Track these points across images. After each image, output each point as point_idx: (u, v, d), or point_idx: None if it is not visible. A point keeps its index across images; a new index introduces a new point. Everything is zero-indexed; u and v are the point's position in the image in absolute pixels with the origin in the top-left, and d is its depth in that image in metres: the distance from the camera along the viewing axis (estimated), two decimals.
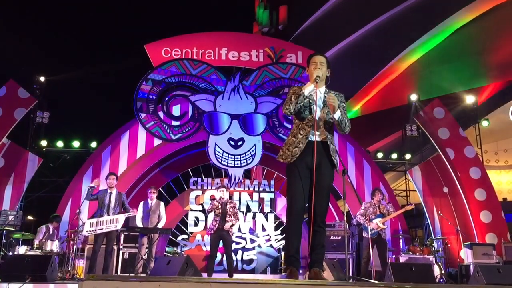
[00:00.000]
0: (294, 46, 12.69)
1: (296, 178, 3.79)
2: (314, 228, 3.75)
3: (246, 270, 10.68)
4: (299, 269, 3.76)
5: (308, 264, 3.83)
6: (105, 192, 7.87)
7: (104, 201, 7.76)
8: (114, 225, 7.65)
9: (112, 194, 7.85)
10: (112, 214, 7.71)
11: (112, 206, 7.76)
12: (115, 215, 7.71)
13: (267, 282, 2.49)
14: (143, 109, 11.05)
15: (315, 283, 2.95)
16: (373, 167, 11.66)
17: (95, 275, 1.90)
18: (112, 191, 7.87)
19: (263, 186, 11.41)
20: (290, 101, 3.85)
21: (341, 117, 3.85)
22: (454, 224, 10.86)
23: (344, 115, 3.91)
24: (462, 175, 11.38)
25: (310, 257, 3.76)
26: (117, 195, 7.90)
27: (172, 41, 11.78)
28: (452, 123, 11.96)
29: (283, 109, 3.95)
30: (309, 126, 3.84)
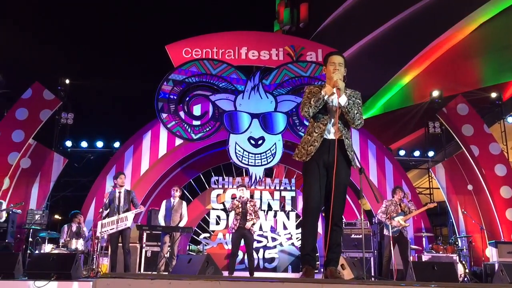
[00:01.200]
0: (314, 44, 12.65)
1: (312, 176, 3.79)
2: (331, 227, 3.75)
3: (267, 269, 10.71)
4: (315, 267, 3.77)
5: (324, 262, 3.83)
6: (114, 192, 8.03)
7: (114, 201, 7.94)
8: (124, 223, 7.82)
9: (121, 193, 8.02)
10: (122, 212, 7.87)
11: (122, 205, 7.93)
12: (125, 213, 7.86)
13: (274, 280, 2.50)
14: (164, 109, 11.17)
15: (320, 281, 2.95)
16: (395, 165, 11.54)
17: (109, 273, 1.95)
18: (121, 190, 8.03)
19: (284, 184, 11.42)
20: (310, 104, 3.82)
21: (348, 105, 3.81)
22: (478, 222, 10.67)
23: (356, 109, 3.88)
24: (487, 172, 11.17)
25: (326, 256, 3.76)
26: (126, 193, 8.06)
27: (193, 41, 11.87)
28: (477, 120, 11.74)
29: (301, 111, 3.93)
30: (324, 124, 3.84)
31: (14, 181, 10.63)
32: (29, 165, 10.89)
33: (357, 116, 3.87)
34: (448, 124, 11.85)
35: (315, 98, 3.81)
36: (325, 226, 3.81)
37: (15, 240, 9.79)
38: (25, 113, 10.89)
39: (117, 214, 7.87)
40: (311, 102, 3.82)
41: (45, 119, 10.99)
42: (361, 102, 4.00)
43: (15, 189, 10.59)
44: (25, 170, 10.82)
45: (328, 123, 3.84)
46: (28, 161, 10.89)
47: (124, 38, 21.49)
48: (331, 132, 3.84)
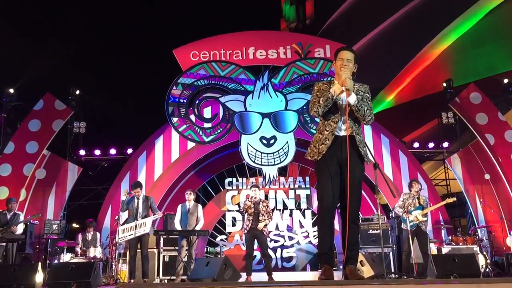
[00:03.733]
0: (321, 40, 12.59)
1: (325, 175, 3.75)
2: (348, 225, 3.70)
3: (286, 268, 10.67)
4: (334, 266, 3.72)
5: (343, 261, 3.78)
6: (133, 199, 8.07)
7: (133, 207, 7.98)
8: (142, 229, 7.85)
9: (139, 200, 8.07)
10: (140, 219, 7.90)
11: (140, 211, 7.99)
12: (143, 219, 7.89)
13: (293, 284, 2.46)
14: (174, 113, 11.19)
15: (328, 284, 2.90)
16: (410, 157, 11.43)
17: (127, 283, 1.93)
18: (139, 198, 8.08)
19: (298, 183, 11.36)
20: (319, 104, 3.79)
21: (358, 103, 3.76)
22: (498, 211, 10.52)
23: (366, 104, 3.83)
24: (503, 161, 11.01)
25: (345, 255, 3.71)
26: (144, 199, 8.11)
27: (200, 44, 11.88)
28: (490, 108, 11.58)
29: (310, 111, 3.89)
30: (335, 122, 3.80)
31: (30, 192, 10.73)
32: (44, 175, 10.98)
33: (367, 113, 3.82)
34: (462, 114, 11.70)
35: (324, 98, 3.77)
36: (342, 224, 3.77)
37: (34, 251, 9.88)
38: (38, 124, 11.00)
39: (135, 220, 7.90)
40: (320, 102, 3.78)
41: (58, 129, 11.10)
42: (369, 95, 3.94)
43: (31, 200, 10.69)
44: (41, 180, 10.92)
45: (339, 121, 3.80)
46: (43, 172, 10.98)
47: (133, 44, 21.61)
48: (342, 129, 3.80)
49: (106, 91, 13.95)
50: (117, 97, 17.93)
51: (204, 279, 6.70)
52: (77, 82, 12.51)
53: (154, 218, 8.13)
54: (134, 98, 19.37)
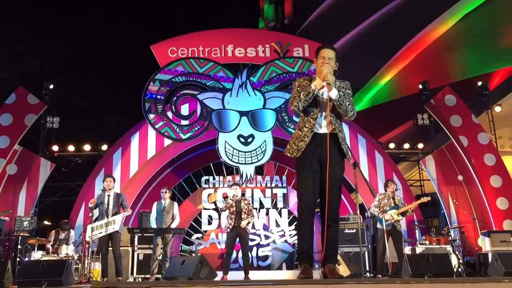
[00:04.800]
0: (300, 40, 12.60)
1: (305, 172, 3.72)
2: (328, 224, 3.68)
3: (261, 267, 10.66)
4: (313, 265, 3.70)
5: (322, 260, 3.76)
6: (103, 195, 7.90)
7: (103, 204, 7.81)
8: (112, 227, 7.70)
9: (110, 196, 7.89)
10: (110, 216, 7.74)
11: (111, 208, 7.81)
12: (113, 216, 7.74)
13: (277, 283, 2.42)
14: (151, 110, 11.05)
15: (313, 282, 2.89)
16: (386, 158, 11.55)
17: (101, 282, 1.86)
18: (110, 194, 7.90)
19: (275, 181, 11.36)
20: (299, 98, 3.75)
21: (340, 98, 3.74)
22: (470, 212, 10.71)
23: (347, 100, 3.81)
24: (476, 162, 11.21)
25: (324, 253, 3.69)
26: (115, 196, 7.93)
27: (178, 41, 11.76)
28: (464, 110, 11.78)
29: (290, 105, 3.85)
30: (314, 118, 3.76)
31: (0, 188, 10.43)
32: (16, 171, 10.69)
33: (349, 108, 3.80)
34: (437, 116, 11.87)
35: (305, 93, 3.73)
36: (321, 222, 3.75)
37: (4, 248, 9.61)
38: (10, 119, 10.70)
39: (105, 217, 7.74)
40: (300, 97, 3.74)
41: (30, 124, 10.81)
42: (351, 92, 3.93)
43: (2, 196, 10.40)
44: (12, 176, 10.62)
45: (319, 117, 3.76)
46: (15, 167, 10.69)
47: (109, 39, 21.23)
48: (322, 126, 3.77)
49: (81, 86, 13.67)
50: (92, 92, 17.62)
51: (179, 277, 6.61)
52: (51, 77, 12.23)
53: (124, 216, 7.99)
54: (110, 94, 19.05)
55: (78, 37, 20.23)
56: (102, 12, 21.92)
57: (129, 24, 22.79)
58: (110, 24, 21.32)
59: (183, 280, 6.38)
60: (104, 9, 21.95)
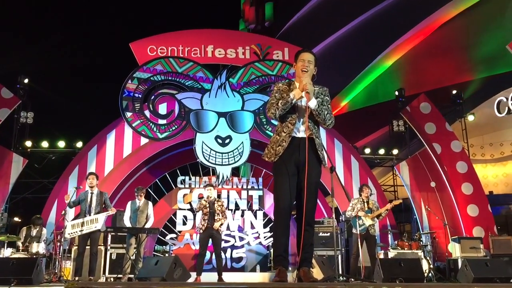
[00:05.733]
0: (280, 43, 12.65)
1: (282, 176, 3.74)
2: (303, 227, 3.70)
3: (235, 269, 10.65)
4: (288, 268, 3.72)
5: (297, 263, 3.79)
6: (86, 193, 7.77)
7: (86, 202, 7.68)
8: (94, 226, 7.56)
9: (93, 194, 7.77)
10: (93, 214, 7.62)
11: (94, 206, 7.68)
12: (96, 215, 7.62)
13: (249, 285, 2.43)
14: (129, 108, 10.94)
15: None
16: (361, 163, 11.68)
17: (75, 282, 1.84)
18: (93, 191, 7.78)
19: (251, 183, 11.38)
20: (277, 106, 3.77)
21: (319, 108, 3.78)
22: (441, 218, 10.92)
23: (326, 108, 3.85)
24: (449, 170, 11.45)
25: (299, 256, 3.72)
26: (98, 194, 7.81)
27: (158, 39, 11.67)
28: (439, 118, 12.02)
29: (267, 112, 3.87)
30: (292, 124, 3.78)
31: None
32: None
33: (327, 117, 3.84)
34: (412, 122, 12.08)
35: (283, 101, 3.75)
36: (297, 226, 3.77)
37: None
38: None
39: (88, 215, 7.61)
40: (278, 105, 3.76)
41: (3, 118, 10.57)
42: (329, 99, 3.97)
43: None
44: None
45: (297, 122, 3.79)
46: None
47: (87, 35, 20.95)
48: (300, 131, 3.79)
49: (57, 81, 13.42)
50: (68, 88, 17.33)
51: (152, 278, 6.56)
52: (26, 71, 11.98)
53: (108, 215, 7.88)
54: (87, 90, 18.78)
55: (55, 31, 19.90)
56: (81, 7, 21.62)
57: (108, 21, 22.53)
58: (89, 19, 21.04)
59: (156, 281, 6.34)
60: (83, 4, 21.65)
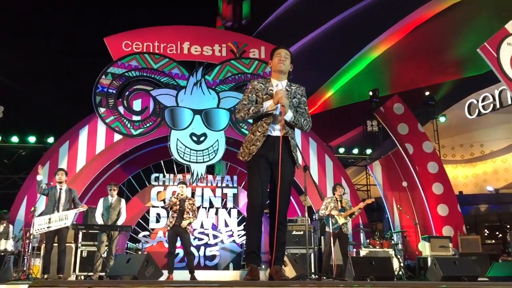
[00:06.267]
0: (257, 41, 12.65)
1: (255, 174, 3.74)
2: (275, 225, 3.72)
3: (208, 266, 10.62)
4: (260, 266, 3.73)
5: (269, 261, 3.80)
6: (54, 188, 7.62)
7: (54, 197, 7.52)
8: (63, 222, 7.40)
9: (62, 190, 7.62)
10: (62, 211, 7.47)
11: (62, 202, 7.53)
12: (65, 211, 7.48)
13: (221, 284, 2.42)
14: (102, 103, 10.78)
15: None
16: (335, 162, 11.79)
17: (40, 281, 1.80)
18: (62, 187, 7.63)
19: (226, 181, 11.36)
20: (247, 111, 3.77)
21: (294, 118, 3.79)
22: (412, 217, 11.12)
23: (303, 112, 3.86)
24: (420, 170, 11.66)
25: (271, 255, 3.73)
26: (67, 191, 7.66)
27: (133, 34, 11.52)
28: (411, 119, 12.24)
29: (237, 113, 3.86)
30: (267, 123, 3.77)
31: None
32: None
33: (304, 123, 3.86)
34: (385, 123, 12.26)
35: (255, 109, 3.75)
36: (270, 224, 3.78)
37: None
38: None
39: (56, 211, 7.46)
40: (249, 111, 3.76)
41: None
42: (306, 99, 3.98)
43: None
44: None
45: (272, 121, 3.79)
46: None
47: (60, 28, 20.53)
48: (275, 129, 3.79)
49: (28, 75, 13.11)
50: (40, 82, 16.97)
51: (124, 276, 6.49)
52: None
53: (79, 211, 7.75)
54: (59, 85, 18.41)
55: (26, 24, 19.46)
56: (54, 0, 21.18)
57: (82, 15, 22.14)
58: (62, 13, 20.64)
59: (127, 279, 6.27)
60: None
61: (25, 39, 19.37)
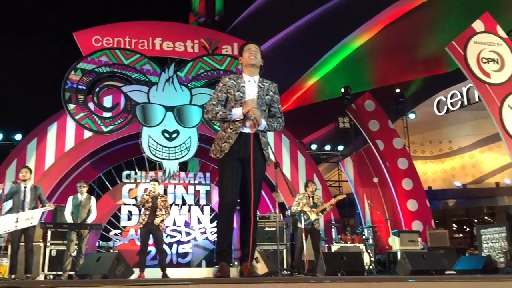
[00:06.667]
0: (229, 38, 12.61)
1: (227, 171, 3.73)
2: (246, 222, 3.71)
3: (181, 264, 10.58)
4: (231, 263, 3.73)
5: (239, 258, 3.80)
6: (19, 187, 7.44)
7: (18, 196, 7.34)
8: (30, 221, 7.23)
9: (26, 188, 7.43)
10: (27, 210, 7.30)
11: (28, 201, 7.34)
12: (31, 210, 7.31)
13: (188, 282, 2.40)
14: (71, 100, 10.58)
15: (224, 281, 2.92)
16: (307, 158, 11.87)
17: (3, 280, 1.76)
18: (26, 185, 7.45)
19: (198, 178, 11.31)
20: (215, 115, 3.74)
21: (268, 126, 3.80)
22: (383, 213, 11.31)
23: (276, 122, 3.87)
24: (390, 166, 11.86)
25: (242, 251, 3.73)
26: (32, 189, 7.48)
27: (104, 29, 11.34)
28: (382, 116, 12.42)
29: (204, 112, 3.84)
30: (239, 121, 3.78)
31: None
32: None
33: (277, 126, 3.88)
34: (356, 120, 12.42)
35: (223, 115, 3.72)
36: (241, 221, 3.78)
37: None
38: None
39: (21, 210, 7.27)
40: (217, 115, 3.73)
41: None
42: (278, 96, 3.96)
43: None
44: None
45: (244, 119, 3.77)
46: None
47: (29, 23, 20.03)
48: (247, 126, 3.78)
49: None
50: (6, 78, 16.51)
51: (93, 275, 6.40)
52: None
53: (45, 210, 7.58)
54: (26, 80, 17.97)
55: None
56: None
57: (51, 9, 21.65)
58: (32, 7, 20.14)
59: (97, 278, 6.19)
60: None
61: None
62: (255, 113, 3.66)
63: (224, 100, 3.84)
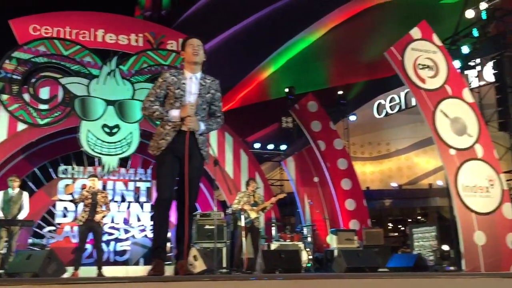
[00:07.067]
0: (175, 33, 12.44)
1: (163, 168, 3.69)
2: (181, 219, 3.69)
3: (118, 262, 10.34)
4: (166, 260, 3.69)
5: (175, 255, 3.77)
6: None
7: None
8: None
9: None
10: None
11: None
12: None
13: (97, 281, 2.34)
14: (5, 90, 10.08)
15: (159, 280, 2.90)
16: (250, 157, 11.93)
17: None
18: None
19: (139, 175, 11.12)
20: (151, 113, 3.71)
21: (205, 130, 3.79)
22: (322, 211, 11.57)
23: (215, 124, 3.87)
24: (331, 166, 12.13)
25: (177, 249, 3.71)
26: None
27: (42, 18, 10.87)
28: (324, 116, 12.68)
29: (142, 109, 3.79)
30: None
31: None
32: None
33: (215, 127, 3.90)
34: (299, 120, 12.61)
35: (159, 115, 3.68)
36: (178, 218, 3.75)
37: None
38: None
39: None
40: (154, 113, 3.70)
41: None
42: (220, 93, 3.92)
43: None
44: None
45: None
46: None
47: None
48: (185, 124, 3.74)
49: None
50: None
51: (23, 273, 6.14)
52: None
53: None
54: None
55: None
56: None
57: None
58: None
59: (27, 276, 5.95)
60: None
61: None
62: (191, 122, 3.63)
63: (162, 97, 3.79)
